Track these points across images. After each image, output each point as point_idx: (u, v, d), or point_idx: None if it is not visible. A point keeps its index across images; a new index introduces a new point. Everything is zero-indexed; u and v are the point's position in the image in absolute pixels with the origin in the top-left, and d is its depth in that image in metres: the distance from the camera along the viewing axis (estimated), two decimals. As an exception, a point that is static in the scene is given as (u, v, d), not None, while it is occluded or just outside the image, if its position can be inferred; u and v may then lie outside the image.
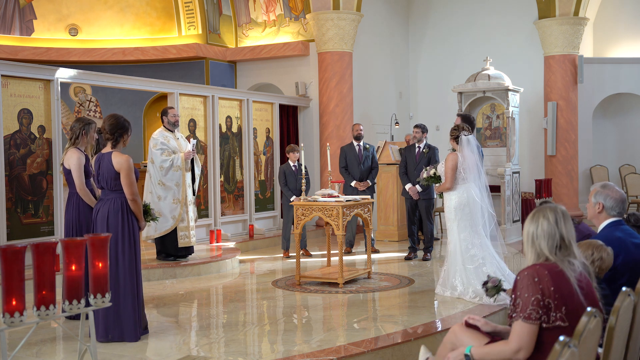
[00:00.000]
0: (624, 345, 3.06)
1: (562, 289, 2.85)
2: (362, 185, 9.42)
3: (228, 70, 13.39)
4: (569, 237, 2.98)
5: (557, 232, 2.98)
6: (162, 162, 8.17)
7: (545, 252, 2.98)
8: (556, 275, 2.88)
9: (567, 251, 2.98)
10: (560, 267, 2.92)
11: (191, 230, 8.40)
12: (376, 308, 6.46)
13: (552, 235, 2.98)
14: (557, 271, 2.91)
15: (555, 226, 2.98)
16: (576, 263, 2.96)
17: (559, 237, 2.97)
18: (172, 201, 8.19)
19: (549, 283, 2.85)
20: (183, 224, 8.32)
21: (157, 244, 8.39)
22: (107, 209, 5.15)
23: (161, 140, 8.23)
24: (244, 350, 4.97)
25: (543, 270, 2.90)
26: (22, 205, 7.65)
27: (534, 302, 2.85)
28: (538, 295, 2.84)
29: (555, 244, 2.97)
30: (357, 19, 12.10)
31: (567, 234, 2.98)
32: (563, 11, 12.40)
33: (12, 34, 12.53)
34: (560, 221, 2.99)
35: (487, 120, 11.64)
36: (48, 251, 3.10)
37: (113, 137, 5.18)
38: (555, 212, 3.02)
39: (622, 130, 13.77)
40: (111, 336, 5.09)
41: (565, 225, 2.99)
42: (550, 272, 2.90)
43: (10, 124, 7.60)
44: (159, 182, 8.18)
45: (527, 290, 2.87)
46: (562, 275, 2.89)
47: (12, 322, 2.92)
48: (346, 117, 12.05)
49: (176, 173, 8.21)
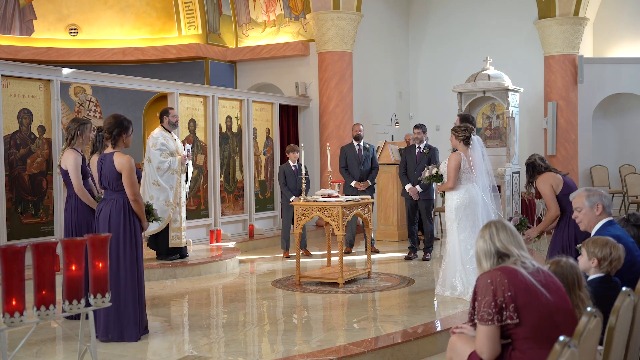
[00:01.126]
0: (624, 345, 3.06)
1: (516, 286, 2.91)
2: (362, 186, 9.42)
3: (228, 70, 13.39)
4: (505, 247, 3.06)
5: (492, 247, 3.08)
6: (160, 163, 8.16)
7: (487, 268, 3.08)
8: (509, 273, 2.95)
9: (512, 259, 3.04)
10: (513, 267, 2.99)
11: (183, 232, 8.41)
12: (376, 308, 6.46)
13: (489, 251, 3.09)
14: (509, 270, 2.97)
15: (490, 242, 3.09)
16: (527, 262, 3.03)
17: (495, 251, 3.08)
18: (164, 203, 8.18)
19: (501, 282, 2.91)
20: (176, 225, 8.32)
21: (150, 243, 8.39)
22: (109, 209, 5.15)
23: (161, 140, 8.22)
24: (244, 350, 4.97)
25: (496, 272, 2.97)
26: (22, 205, 7.65)
27: (486, 304, 2.92)
28: (489, 297, 2.91)
29: (493, 259, 3.08)
30: (357, 19, 12.10)
31: (502, 245, 3.07)
32: (563, 11, 12.40)
33: (12, 34, 12.53)
34: (494, 235, 3.10)
35: (487, 120, 11.63)
36: (48, 251, 3.10)
37: (111, 136, 5.18)
38: (489, 227, 3.15)
39: (622, 130, 13.77)
40: (111, 336, 5.10)
41: (499, 237, 3.09)
42: (503, 271, 2.96)
43: (10, 124, 7.60)
44: (153, 182, 8.16)
45: (481, 294, 2.96)
46: (514, 273, 2.95)
47: (12, 322, 2.92)
48: (346, 117, 12.05)
49: (172, 176, 8.22)
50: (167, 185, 8.19)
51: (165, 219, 8.18)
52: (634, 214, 4.52)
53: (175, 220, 8.32)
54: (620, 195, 13.49)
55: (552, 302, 2.91)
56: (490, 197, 6.59)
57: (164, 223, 8.17)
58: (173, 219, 8.29)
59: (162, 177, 8.17)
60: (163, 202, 8.17)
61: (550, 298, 2.91)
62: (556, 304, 2.91)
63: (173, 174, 8.23)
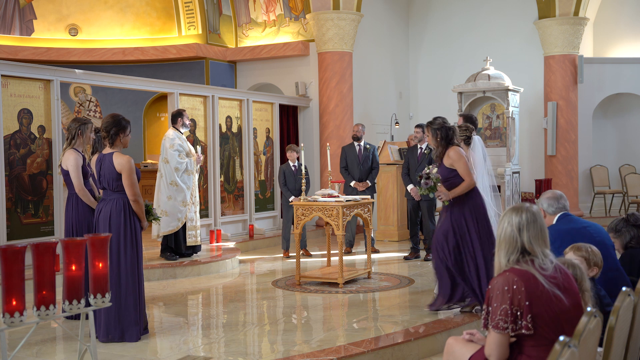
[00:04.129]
0: (624, 345, 3.06)
1: (533, 295, 2.82)
2: (361, 186, 9.42)
3: (228, 70, 13.39)
4: (531, 244, 2.93)
5: (518, 240, 2.94)
6: (178, 163, 8.24)
7: (503, 263, 2.95)
8: (527, 280, 2.85)
9: (532, 256, 2.93)
10: (531, 272, 2.89)
11: (197, 230, 8.53)
12: (376, 308, 6.46)
13: (514, 244, 2.94)
14: (527, 276, 2.87)
15: (518, 234, 2.94)
16: (547, 263, 2.93)
17: (520, 245, 2.93)
18: (182, 203, 8.27)
19: (518, 290, 2.83)
20: (192, 224, 8.42)
21: (164, 242, 8.42)
22: (109, 209, 5.15)
23: (178, 141, 8.30)
24: (244, 350, 4.97)
25: (513, 276, 2.87)
26: (22, 205, 7.65)
27: (502, 312, 2.85)
28: (506, 305, 2.84)
29: (515, 254, 2.94)
30: (357, 19, 12.10)
31: (528, 242, 2.93)
32: (563, 11, 12.40)
33: (12, 34, 12.53)
34: (523, 228, 2.94)
35: (487, 120, 11.63)
36: (48, 251, 3.10)
37: (108, 135, 5.18)
38: (520, 214, 2.97)
39: (622, 130, 13.77)
40: (111, 336, 5.10)
41: (529, 231, 2.93)
42: (520, 277, 2.86)
43: (10, 124, 7.60)
44: (171, 182, 8.24)
45: (497, 300, 2.87)
46: (532, 280, 2.86)
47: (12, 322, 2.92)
48: (346, 117, 12.05)
49: (189, 177, 8.35)
50: (184, 185, 8.28)
51: (182, 218, 8.27)
52: (633, 214, 4.52)
53: (192, 219, 8.40)
54: (620, 195, 13.49)
55: (567, 306, 2.86)
56: (491, 197, 6.57)
57: (180, 223, 8.27)
58: (189, 218, 8.37)
59: (180, 178, 8.25)
60: (181, 202, 8.25)
61: (565, 301, 2.86)
62: (567, 309, 2.86)
63: (190, 175, 8.37)
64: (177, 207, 8.22)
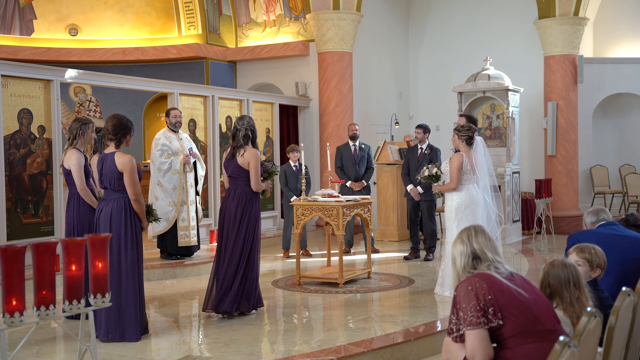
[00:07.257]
0: (624, 345, 3.06)
1: (494, 289, 2.94)
2: (357, 186, 9.41)
3: (228, 70, 13.39)
4: (482, 249, 3.09)
5: (469, 247, 3.11)
6: (160, 164, 8.21)
7: (460, 270, 3.11)
8: (486, 278, 2.98)
9: (485, 263, 3.07)
10: (488, 273, 3.02)
11: (192, 230, 8.43)
12: (376, 308, 6.46)
13: (465, 251, 3.12)
14: (485, 275, 3.00)
15: (468, 242, 3.12)
16: (501, 267, 3.06)
17: (470, 251, 3.10)
18: (168, 203, 8.22)
19: (481, 287, 2.93)
20: (183, 224, 8.36)
21: (158, 243, 8.43)
22: (110, 208, 5.16)
23: (163, 141, 8.26)
24: (244, 350, 4.97)
25: (473, 278, 2.99)
26: (22, 205, 7.65)
27: (472, 308, 2.92)
28: (474, 301, 2.92)
29: (467, 258, 3.10)
30: (357, 19, 12.10)
31: (479, 247, 3.10)
32: (563, 11, 12.40)
33: (12, 34, 12.53)
34: (472, 237, 3.13)
35: (487, 120, 11.64)
36: (48, 251, 3.09)
37: (116, 138, 5.19)
38: (467, 230, 3.19)
39: (622, 130, 13.77)
40: (111, 336, 5.10)
41: (477, 239, 3.12)
42: (480, 277, 2.99)
43: (10, 124, 7.61)
44: (157, 182, 8.25)
45: (464, 301, 2.95)
46: (490, 277, 2.98)
47: (12, 322, 2.92)
48: (346, 117, 12.05)
49: (174, 176, 8.24)
50: (169, 185, 8.22)
51: (171, 219, 8.22)
52: (632, 215, 4.53)
53: (183, 219, 8.35)
54: (620, 195, 13.49)
55: (529, 298, 2.95)
56: (491, 198, 6.58)
57: (168, 224, 8.22)
58: (180, 218, 8.33)
59: (164, 178, 8.21)
60: (167, 203, 8.22)
61: (526, 295, 2.95)
62: (533, 300, 2.96)
63: (175, 175, 8.25)
64: (164, 208, 8.17)
